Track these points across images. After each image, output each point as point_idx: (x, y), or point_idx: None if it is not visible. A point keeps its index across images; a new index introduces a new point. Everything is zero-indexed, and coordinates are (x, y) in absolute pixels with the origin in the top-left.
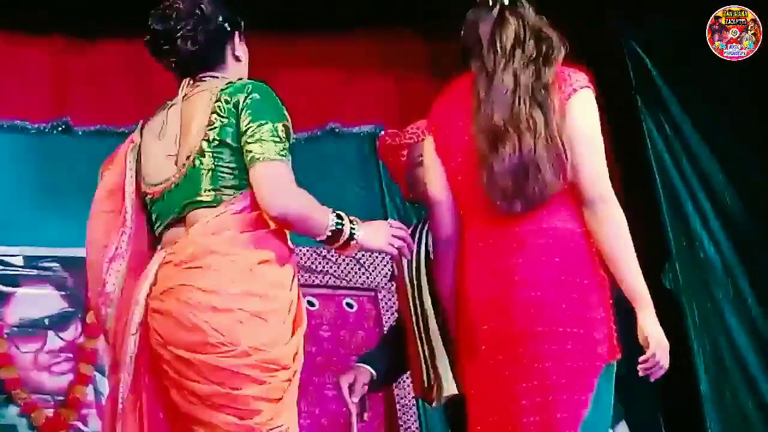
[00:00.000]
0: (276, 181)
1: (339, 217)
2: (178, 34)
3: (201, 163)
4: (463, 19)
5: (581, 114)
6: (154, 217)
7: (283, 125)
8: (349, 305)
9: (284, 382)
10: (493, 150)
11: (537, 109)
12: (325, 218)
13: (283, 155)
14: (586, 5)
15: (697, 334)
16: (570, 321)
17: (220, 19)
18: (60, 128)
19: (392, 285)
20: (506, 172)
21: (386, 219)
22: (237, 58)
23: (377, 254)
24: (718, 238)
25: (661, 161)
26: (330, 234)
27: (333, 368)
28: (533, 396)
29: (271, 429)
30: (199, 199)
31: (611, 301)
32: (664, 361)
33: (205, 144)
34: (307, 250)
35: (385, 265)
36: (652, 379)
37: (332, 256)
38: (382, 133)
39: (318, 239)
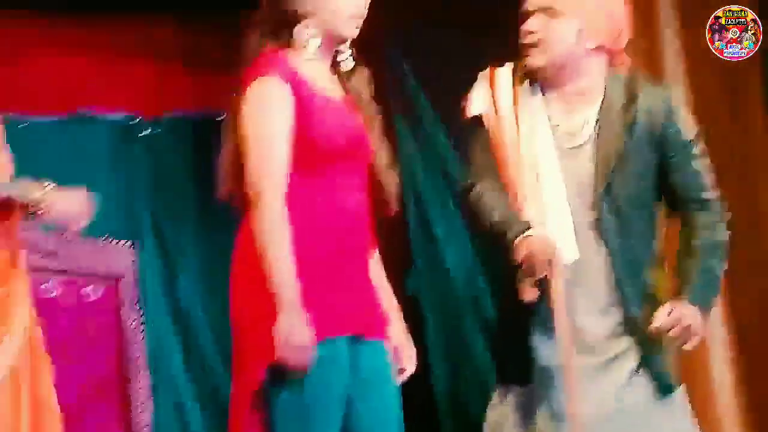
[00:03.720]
0: None
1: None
2: None
3: None
4: (223, 12)
5: (243, 109)
6: None
7: None
8: (88, 294)
9: None
10: None
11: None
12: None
13: None
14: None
15: (437, 341)
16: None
17: None
18: None
19: (134, 275)
20: None
21: (134, 207)
22: None
23: (121, 243)
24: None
25: (409, 167)
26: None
27: (70, 358)
28: None
29: None
30: None
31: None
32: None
33: None
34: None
35: (128, 255)
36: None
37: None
38: None
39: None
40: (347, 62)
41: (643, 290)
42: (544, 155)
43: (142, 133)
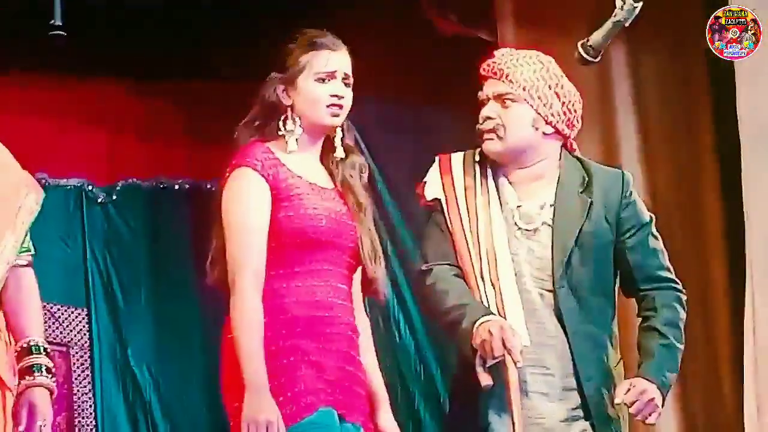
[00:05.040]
0: None
1: None
2: None
3: None
4: (181, 78)
5: (222, 200)
6: None
7: None
8: None
9: None
10: None
11: None
12: None
13: None
14: None
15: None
16: None
17: None
18: None
19: (86, 341)
20: None
21: (87, 273)
22: None
23: (73, 309)
24: (414, 323)
25: None
26: None
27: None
28: None
29: None
30: None
31: None
32: None
33: None
34: None
35: (80, 322)
36: None
37: None
38: None
39: None
40: (338, 151)
41: (601, 373)
42: (497, 240)
43: (98, 200)
